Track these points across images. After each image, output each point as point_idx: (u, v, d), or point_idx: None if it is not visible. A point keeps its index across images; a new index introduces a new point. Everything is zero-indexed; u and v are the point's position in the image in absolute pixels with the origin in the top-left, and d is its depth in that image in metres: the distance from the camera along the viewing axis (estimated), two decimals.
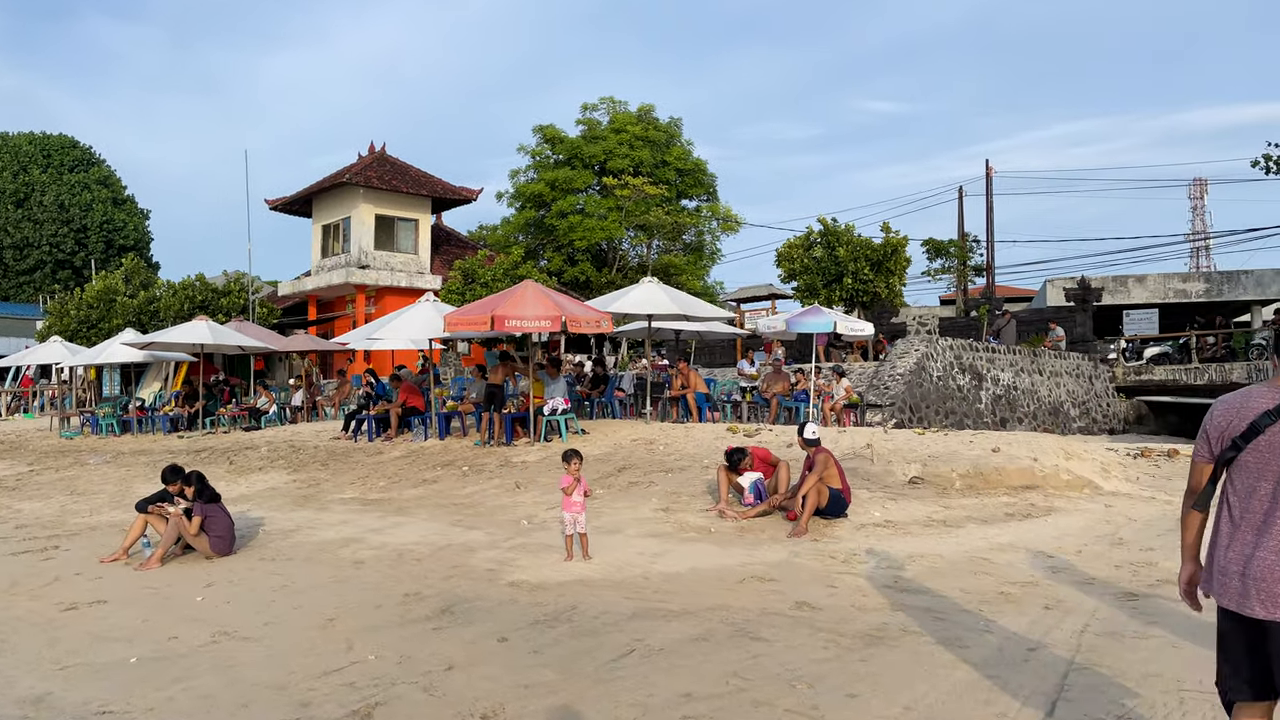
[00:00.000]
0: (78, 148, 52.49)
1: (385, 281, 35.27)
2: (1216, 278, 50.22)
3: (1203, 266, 68.38)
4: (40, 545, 10.28)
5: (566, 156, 39.92)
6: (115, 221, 50.27)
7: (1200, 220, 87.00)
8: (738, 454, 9.50)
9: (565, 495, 7.90)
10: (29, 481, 15.89)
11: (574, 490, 7.85)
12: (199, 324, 20.77)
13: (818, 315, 16.04)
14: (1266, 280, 49.70)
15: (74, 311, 34.98)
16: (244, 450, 17.24)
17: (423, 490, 12.14)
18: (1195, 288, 49.16)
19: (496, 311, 12.97)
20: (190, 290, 35.15)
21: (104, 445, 20.78)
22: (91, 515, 12.18)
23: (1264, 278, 49.88)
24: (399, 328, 15.22)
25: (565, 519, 7.92)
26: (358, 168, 35.97)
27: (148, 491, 13.99)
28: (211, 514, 9.08)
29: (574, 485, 7.86)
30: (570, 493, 7.85)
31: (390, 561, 8.36)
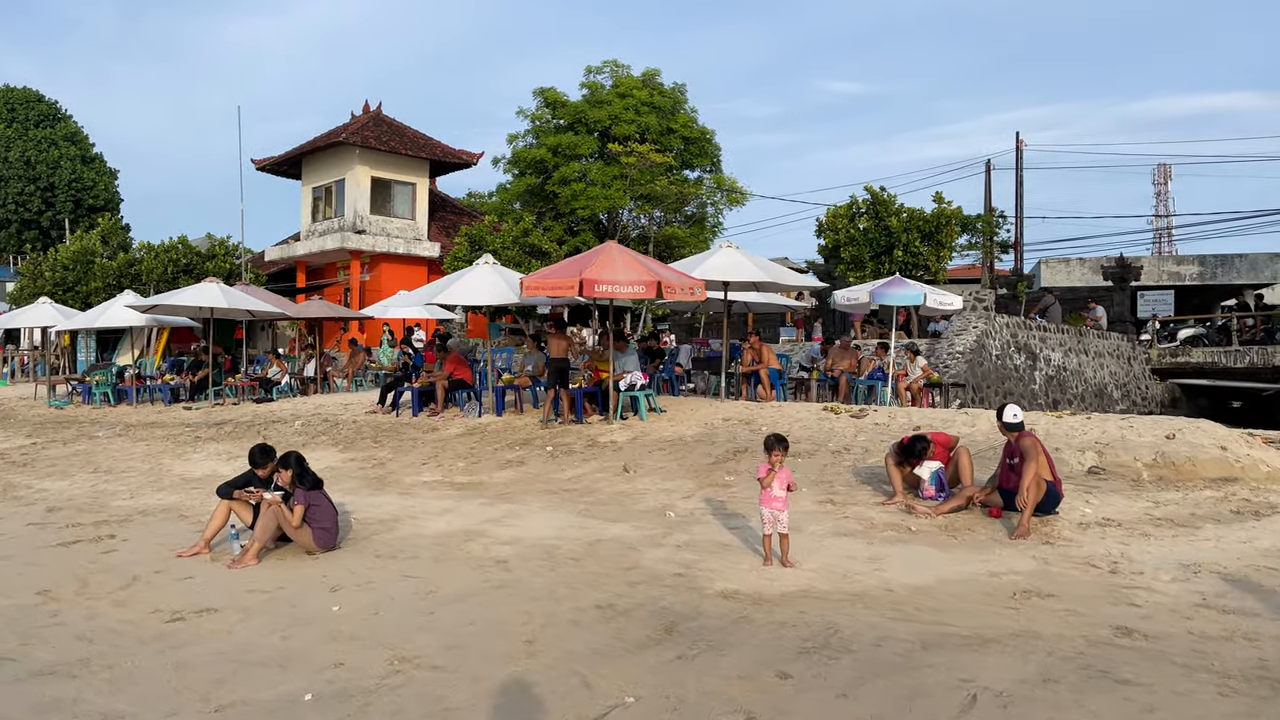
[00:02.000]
0: (43, 102, 49.74)
1: (382, 247, 33.69)
2: (1210, 261, 50.06)
3: (1164, 253, 68.43)
4: (91, 534, 8.89)
5: (569, 121, 38.34)
6: (85, 180, 47.74)
7: (1164, 205, 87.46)
8: (920, 443, 8.36)
9: (763, 488, 6.71)
10: (38, 456, 14.34)
11: (773, 482, 6.65)
12: (210, 286, 19.16)
13: (904, 286, 14.93)
14: (1260, 264, 49.65)
15: (49, 273, 32.96)
16: (272, 424, 15.80)
17: (513, 473, 10.88)
18: (1189, 270, 48.97)
19: (586, 274, 11.68)
20: (174, 253, 33.27)
21: (101, 415, 19.17)
22: (132, 498, 10.77)
23: (1258, 261, 49.81)
24: (461, 291, 13.82)
25: (764, 516, 6.75)
26: (353, 127, 34.21)
27: (183, 469, 12.63)
28: (315, 502, 7.76)
29: (772, 476, 6.66)
30: (769, 484, 6.67)
31: (540, 561, 7.13)
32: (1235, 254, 49.93)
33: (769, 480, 6.65)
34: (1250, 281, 48.47)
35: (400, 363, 18.32)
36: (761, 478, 6.69)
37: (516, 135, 40.21)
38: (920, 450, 8.27)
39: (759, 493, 6.74)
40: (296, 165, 36.67)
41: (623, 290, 11.80)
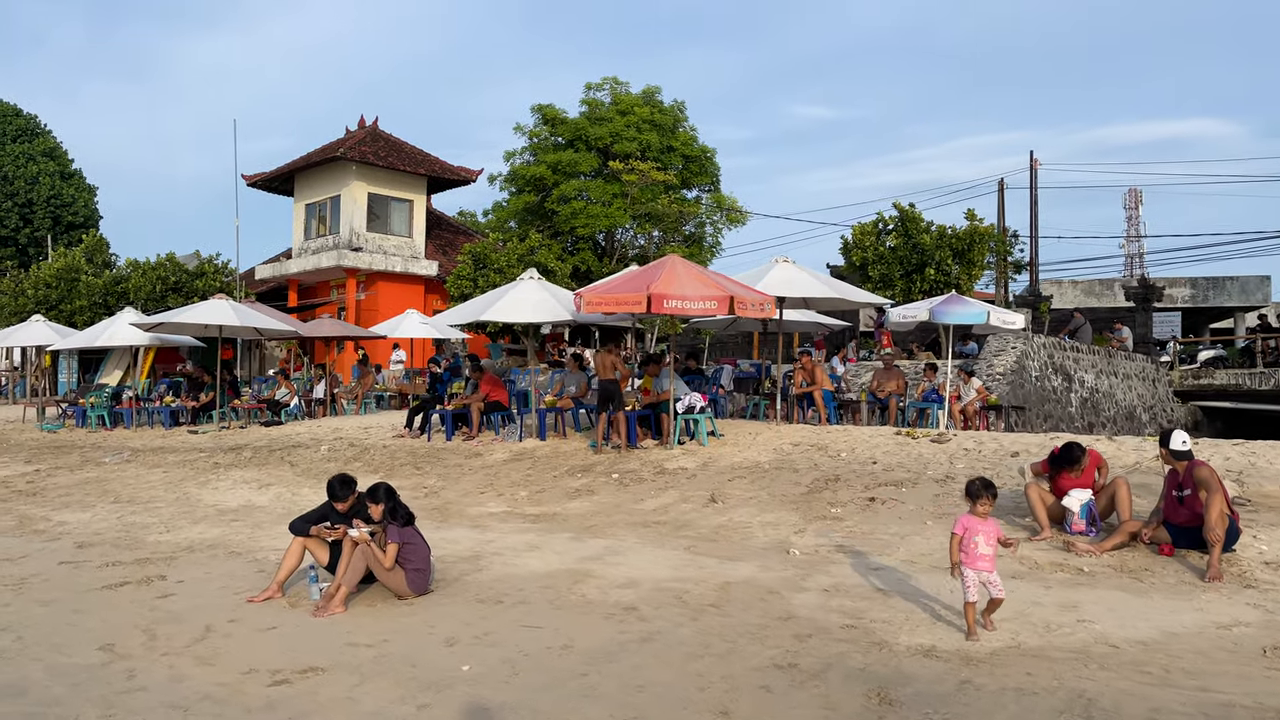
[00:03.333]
0: (21, 116, 48.34)
1: (379, 266, 32.77)
2: (1202, 283, 50.27)
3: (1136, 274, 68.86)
4: (137, 575, 7.96)
5: (569, 138, 37.67)
6: (64, 197, 46.35)
7: (1134, 229, 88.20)
8: (1076, 450, 7.55)
9: (964, 544, 5.54)
10: (46, 485, 13.30)
11: (979, 537, 5.56)
12: (220, 303, 18.20)
13: (964, 304, 14.29)
14: (1251, 287, 49.86)
15: (31, 291, 31.68)
16: (294, 449, 14.85)
17: (587, 504, 10.04)
18: (1180, 293, 49.11)
19: (654, 289, 10.92)
20: (162, 270, 32.14)
21: (100, 439, 18.11)
22: (169, 531, 9.81)
23: (1249, 284, 50.03)
24: (507, 307, 12.98)
25: (967, 579, 5.49)
26: (350, 141, 33.33)
27: (213, 499, 11.67)
28: (409, 540, 6.91)
29: (979, 529, 5.56)
30: (974, 540, 5.53)
31: (674, 607, 6.32)
32: (1226, 276, 50.13)
33: (974, 535, 5.53)
34: (1241, 304, 48.59)
35: (427, 385, 17.45)
36: (963, 531, 5.56)
37: (514, 152, 39.46)
38: (1077, 457, 7.50)
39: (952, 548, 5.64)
40: (289, 181, 35.68)
41: (693, 306, 11.05)
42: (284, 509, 10.82)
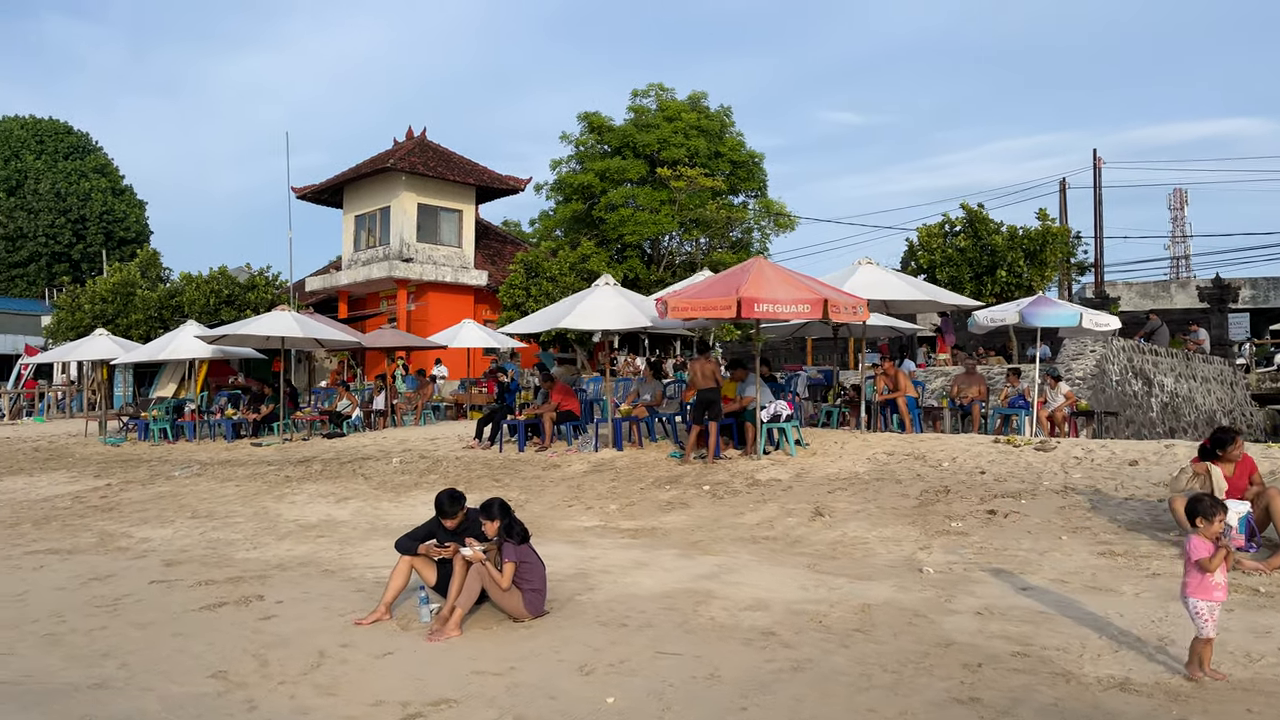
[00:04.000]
0: (73, 133, 49.09)
1: (429, 276, 32.62)
2: (1263, 284, 49.00)
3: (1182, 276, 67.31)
4: (233, 595, 7.66)
5: (616, 145, 37.42)
6: (115, 212, 46.93)
7: (1180, 229, 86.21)
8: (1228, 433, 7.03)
9: (1201, 572, 4.83)
10: (120, 500, 13.13)
11: (1216, 564, 4.82)
12: (282, 314, 18.06)
13: (1054, 306, 13.70)
14: None
15: (88, 306, 31.91)
16: (364, 461, 14.59)
17: (683, 517, 9.64)
18: (1242, 294, 47.84)
19: (744, 293, 10.50)
20: (215, 284, 32.28)
21: (164, 453, 18.00)
22: (255, 549, 9.53)
23: None
24: (585, 314, 12.62)
25: (1198, 611, 4.81)
26: (400, 152, 33.26)
27: (293, 513, 11.40)
28: (526, 559, 6.54)
29: (1219, 558, 4.82)
30: (1212, 568, 4.82)
31: (815, 632, 5.89)
32: None
33: (1214, 564, 4.85)
34: None
35: (495, 395, 17.17)
36: (1203, 559, 4.83)
37: (560, 160, 39.38)
38: (1230, 439, 6.96)
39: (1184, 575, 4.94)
40: (338, 193, 35.73)
41: (785, 310, 10.62)
42: (366, 524, 10.54)
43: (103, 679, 5.81)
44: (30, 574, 8.95)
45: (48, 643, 6.66)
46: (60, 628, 7.04)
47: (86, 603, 7.72)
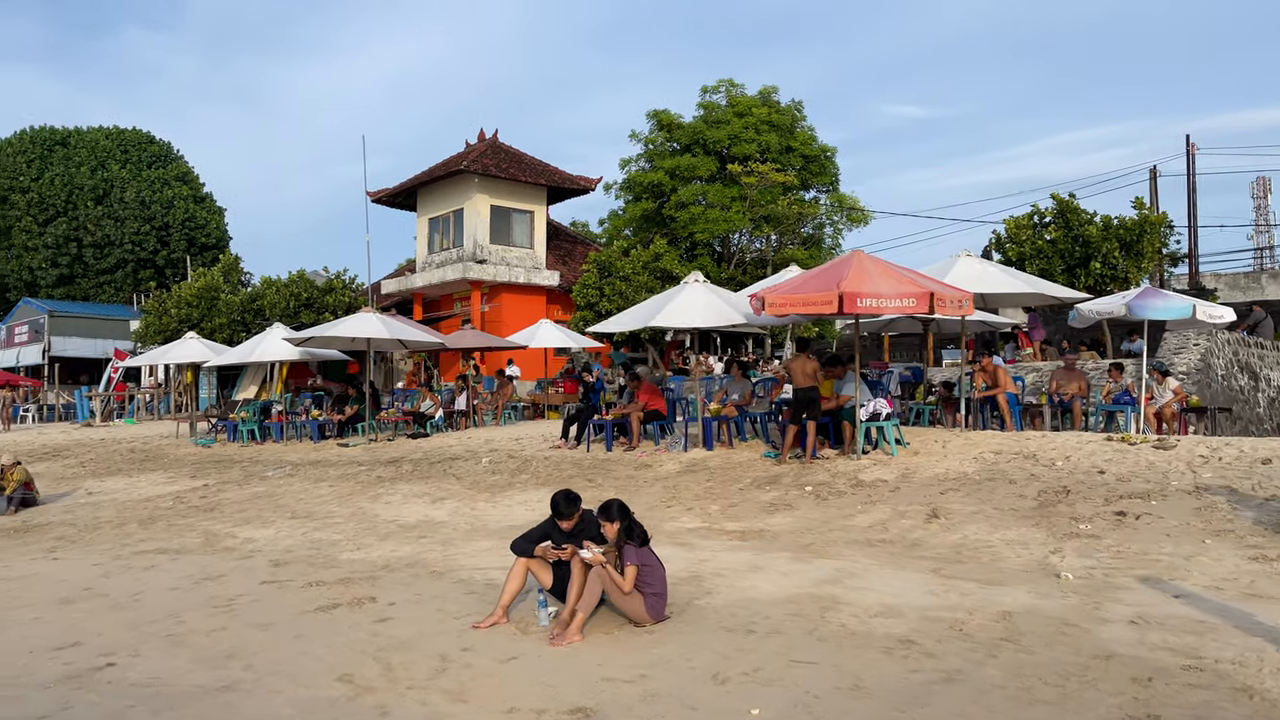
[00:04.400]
0: (155, 143, 50.47)
1: (503, 277, 32.76)
2: None
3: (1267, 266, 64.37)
4: (344, 596, 7.64)
5: (686, 143, 37.17)
6: (197, 219, 48.16)
7: (1264, 218, 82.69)
8: None
9: None
10: (219, 500, 13.33)
11: None
12: (368, 316, 18.22)
13: (1164, 298, 13.11)
14: None
15: (174, 310, 32.72)
16: (452, 461, 14.60)
17: (789, 519, 9.39)
18: None
19: (845, 288, 10.20)
20: (294, 287, 32.87)
21: (254, 453, 18.28)
22: (359, 549, 9.54)
23: None
24: (676, 312, 12.43)
25: None
26: (473, 154, 33.48)
27: (390, 514, 11.42)
28: (647, 562, 6.37)
29: None
30: None
31: (957, 641, 5.61)
32: None
33: None
34: None
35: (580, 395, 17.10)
36: None
37: (629, 159, 39.26)
38: None
39: None
40: (411, 196, 36.12)
41: (889, 305, 10.30)
42: (466, 525, 10.49)
43: (230, 681, 5.79)
44: (143, 574, 9.07)
45: (170, 644, 6.69)
46: (180, 628, 7.07)
47: (203, 603, 7.77)
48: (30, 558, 10.18)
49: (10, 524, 12.61)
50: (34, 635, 7.09)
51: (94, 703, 5.54)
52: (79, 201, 45.53)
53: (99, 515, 12.82)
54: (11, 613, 7.82)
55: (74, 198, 45.54)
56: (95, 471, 17.91)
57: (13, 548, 10.87)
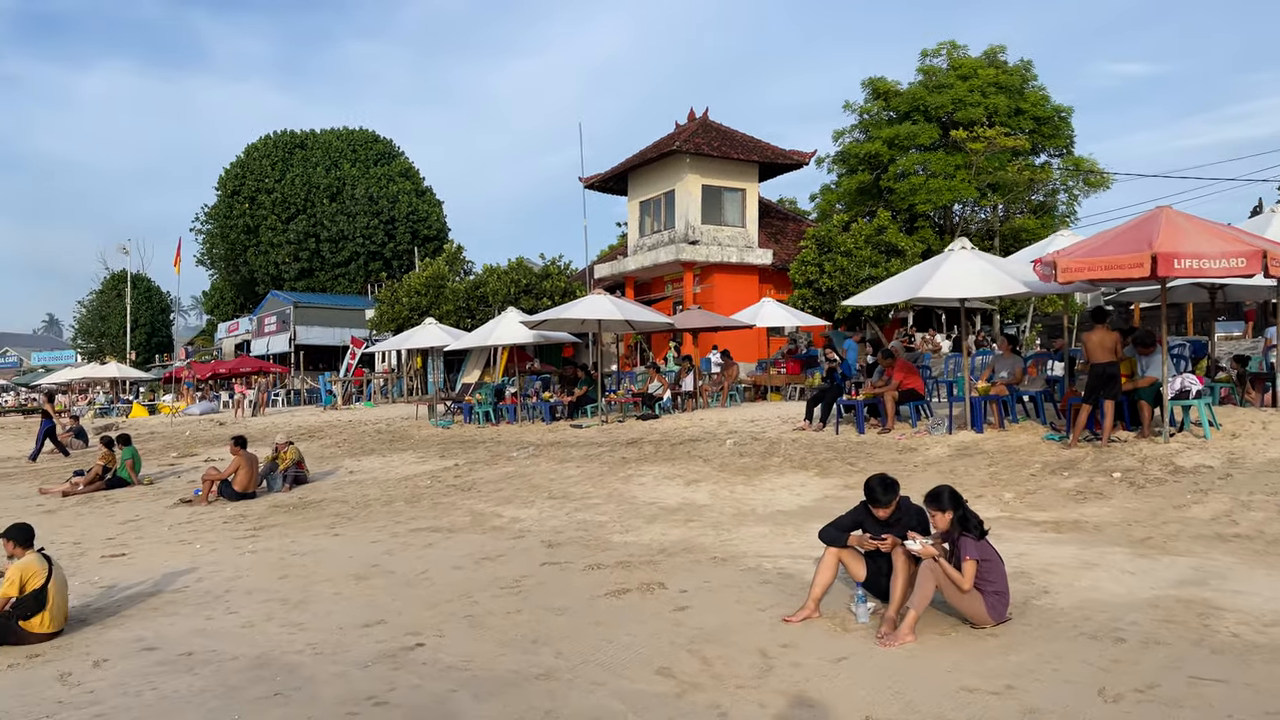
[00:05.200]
0: (380, 141, 53.50)
1: (715, 258, 32.30)
2: None
3: None
4: (631, 581, 7.35)
5: (905, 110, 35.38)
6: (420, 212, 50.69)
7: None
8: None
9: None
10: (473, 479, 13.56)
11: None
12: (599, 298, 18.21)
13: None
14: None
15: (405, 299, 34.39)
16: (693, 443, 14.25)
17: (1104, 509, 8.37)
18: None
19: (1160, 248, 8.97)
20: (514, 274, 33.78)
21: (490, 435, 18.66)
22: (628, 532, 9.29)
23: None
24: (945, 282, 11.47)
25: None
26: (684, 134, 33.16)
27: (648, 495, 11.14)
28: (987, 556, 5.65)
29: None
30: None
31: None
32: None
33: None
34: None
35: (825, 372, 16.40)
36: None
37: (842, 131, 37.88)
38: None
39: None
40: (622, 180, 36.29)
41: (1212, 266, 8.98)
42: (730, 509, 10.05)
43: (546, 669, 5.55)
44: (423, 551, 9.19)
45: (470, 625, 6.58)
46: (476, 609, 6.98)
47: (489, 583, 7.69)
48: (314, 534, 10.60)
49: (287, 500, 13.31)
50: (338, 611, 7.20)
51: (415, 684, 5.44)
52: (316, 199, 48.88)
53: (365, 493, 13.33)
54: (313, 587, 8.04)
55: (312, 196, 48.94)
56: (350, 451, 18.86)
57: (296, 524, 11.39)
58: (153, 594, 8.19)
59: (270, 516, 12.05)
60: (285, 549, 9.81)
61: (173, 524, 12.08)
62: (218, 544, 10.40)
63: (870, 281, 26.90)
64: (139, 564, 9.58)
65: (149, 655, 6.36)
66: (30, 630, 6.88)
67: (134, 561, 9.72)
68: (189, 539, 10.89)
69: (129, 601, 7.98)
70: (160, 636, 6.81)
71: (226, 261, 52.81)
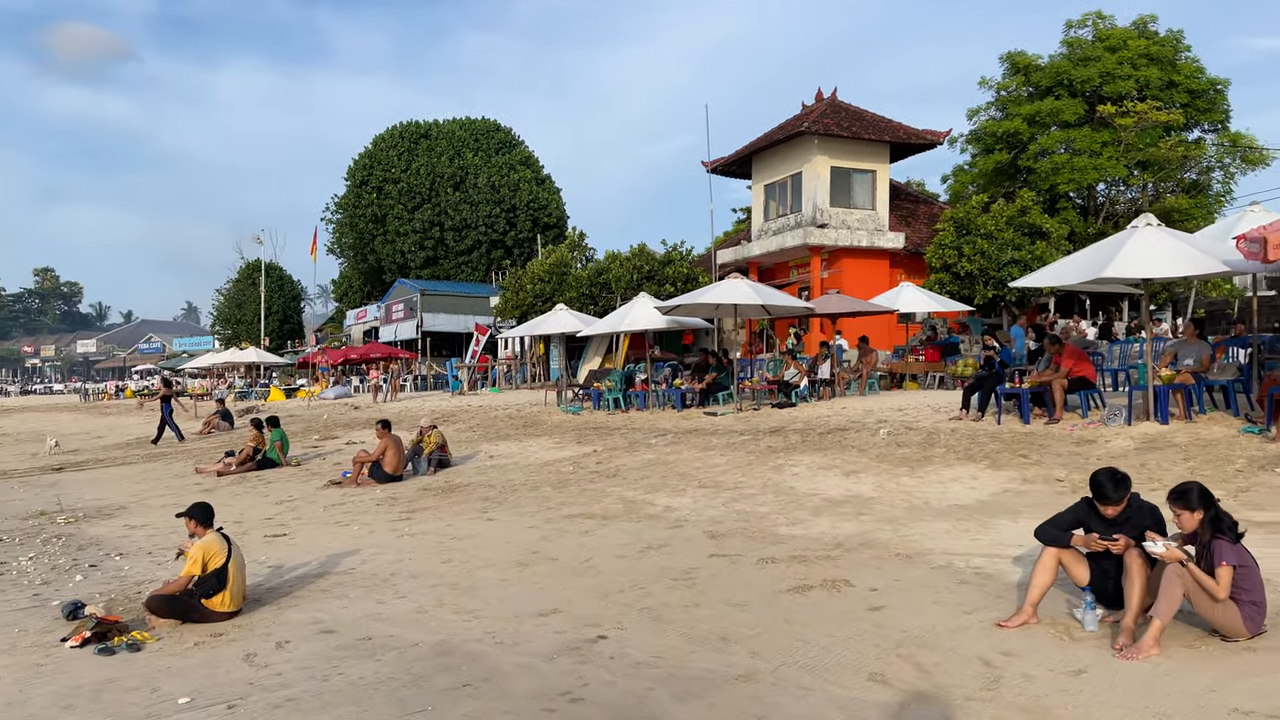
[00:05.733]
0: (500, 130, 54.14)
1: (844, 241, 31.37)
2: None
3: None
4: (815, 577, 6.93)
5: (1048, 84, 33.61)
6: (540, 200, 51.11)
7: None
8: None
9: None
10: (615, 466, 13.35)
11: None
12: (737, 283, 17.76)
13: None
14: None
15: (529, 286, 34.62)
16: (842, 432, 13.69)
17: None
18: None
19: None
20: (637, 260, 33.55)
21: (622, 421, 18.45)
22: (794, 525, 8.87)
23: None
24: (1133, 259, 10.51)
25: None
26: (813, 115, 32.29)
27: (805, 486, 10.68)
28: (1244, 563, 5.02)
29: None
30: None
31: None
32: None
33: None
34: None
35: (982, 360, 15.59)
36: None
37: (976, 109, 36.29)
38: None
39: None
40: (745, 164, 35.66)
41: None
42: (901, 502, 9.51)
43: (745, 670, 5.20)
44: (580, 538, 8.98)
45: (649, 619, 6.29)
46: (650, 601, 6.69)
47: (657, 574, 7.40)
48: (467, 518, 10.54)
49: (434, 484, 13.37)
50: (510, 598, 7.02)
51: (608, 681, 5.16)
52: (441, 189, 49.81)
53: (509, 478, 13.27)
54: (477, 573, 7.90)
55: (436, 185, 49.90)
56: (486, 436, 18.95)
57: (447, 507, 11.38)
58: (319, 575, 8.21)
59: (420, 499, 12.09)
60: (441, 532, 9.76)
61: (326, 505, 12.26)
62: (374, 526, 10.45)
63: (1014, 265, 25.64)
64: (301, 544, 9.68)
65: (329, 639, 6.29)
66: (212, 608, 6.93)
67: (295, 542, 9.84)
68: (345, 520, 10.99)
69: (298, 582, 8.01)
70: (336, 619, 6.75)
71: (355, 250, 54.40)
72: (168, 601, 6.87)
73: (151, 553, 9.79)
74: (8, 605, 7.81)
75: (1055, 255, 25.82)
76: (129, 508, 13.23)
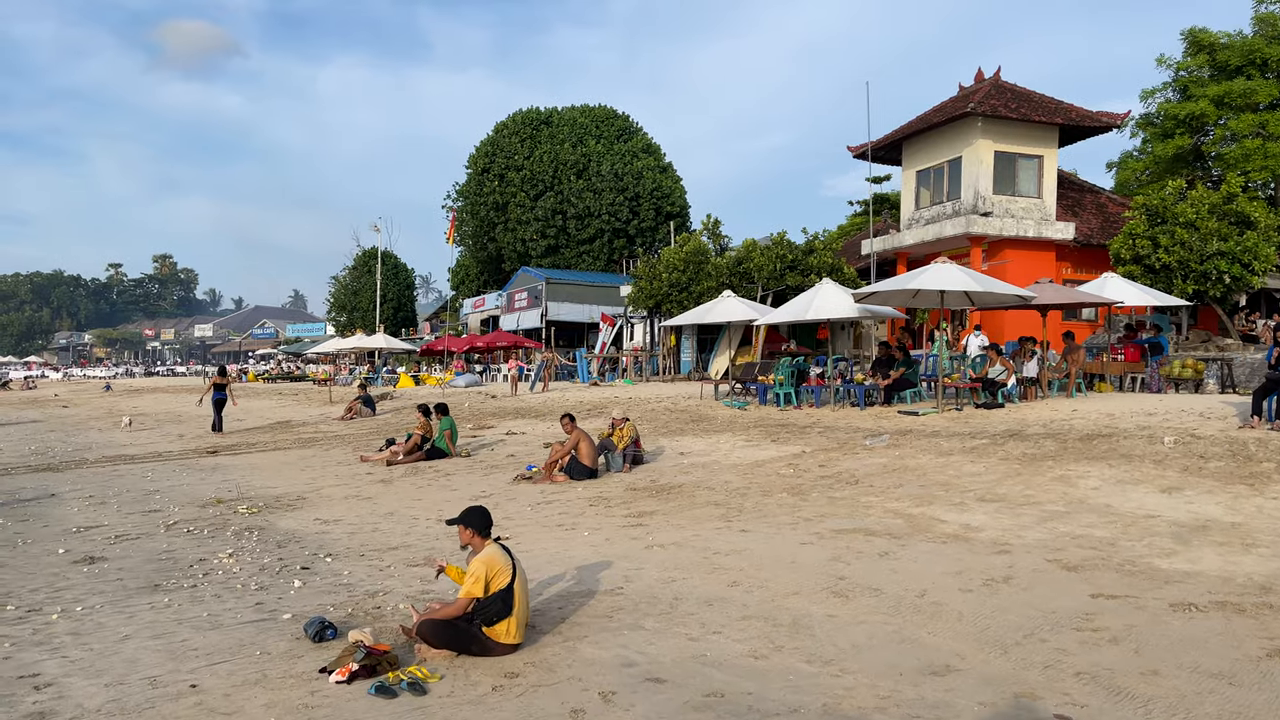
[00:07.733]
0: (619, 117, 52.91)
1: (1009, 231, 29.00)
2: None
3: None
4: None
5: (1237, 65, 30.60)
6: (663, 188, 49.71)
7: None
8: None
9: None
10: (842, 471, 11.71)
11: None
12: (947, 267, 15.93)
13: None
14: None
15: (664, 275, 33.19)
16: (1107, 439, 11.78)
17: None
18: None
19: None
20: (778, 249, 31.80)
21: (799, 417, 16.77)
22: (1166, 557, 7.11)
23: None
24: None
25: None
26: (977, 95, 29.97)
27: (1116, 502, 8.87)
28: None
29: None
30: None
31: None
32: None
33: None
34: None
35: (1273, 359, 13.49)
36: None
37: (1151, 91, 33.42)
38: None
39: None
40: (895, 149, 33.51)
41: None
42: (1272, 528, 7.65)
43: None
44: (880, 562, 7.40)
45: (1103, 690, 4.71)
46: (1076, 662, 5.07)
47: (1043, 619, 5.77)
48: (714, 527, 9.08)
49: (638, 482, 11.98)
50: (862, 644, 5.50)
51: None
52: (563, 176, 48.84)
53: (723, 479, 11.79)
54: (784, 602, 6.41)
55: (559, 173, 48.94)
56: (656, 430, 17.54)
57: (676, 512, 9.94)
58: (584, 594, 6.83)
59: (636, 501, 10.69)
60: (694, 544, 8.30)
61: (531, 503, 10.96)
62: (605, 532, 9.07)
63: (1220, 258, 23.10)
64: (534, 550, 8.35)
65: (663, 691, 4.86)
66: (495, 639, 5.59)
67: (525, 547, 8.49)
68: (565, 523, 9.65)
69: (563, 602, 6.64)
70: (653, 661, 5.33)
71: (475, 238, 53.90)
72: (446, 629, 5.55)
73: (364, 555, 8.59)
74: (231, 616, 6.63)
75: (1266, 247, 23.20)
76: (308, 498, 12.18)
